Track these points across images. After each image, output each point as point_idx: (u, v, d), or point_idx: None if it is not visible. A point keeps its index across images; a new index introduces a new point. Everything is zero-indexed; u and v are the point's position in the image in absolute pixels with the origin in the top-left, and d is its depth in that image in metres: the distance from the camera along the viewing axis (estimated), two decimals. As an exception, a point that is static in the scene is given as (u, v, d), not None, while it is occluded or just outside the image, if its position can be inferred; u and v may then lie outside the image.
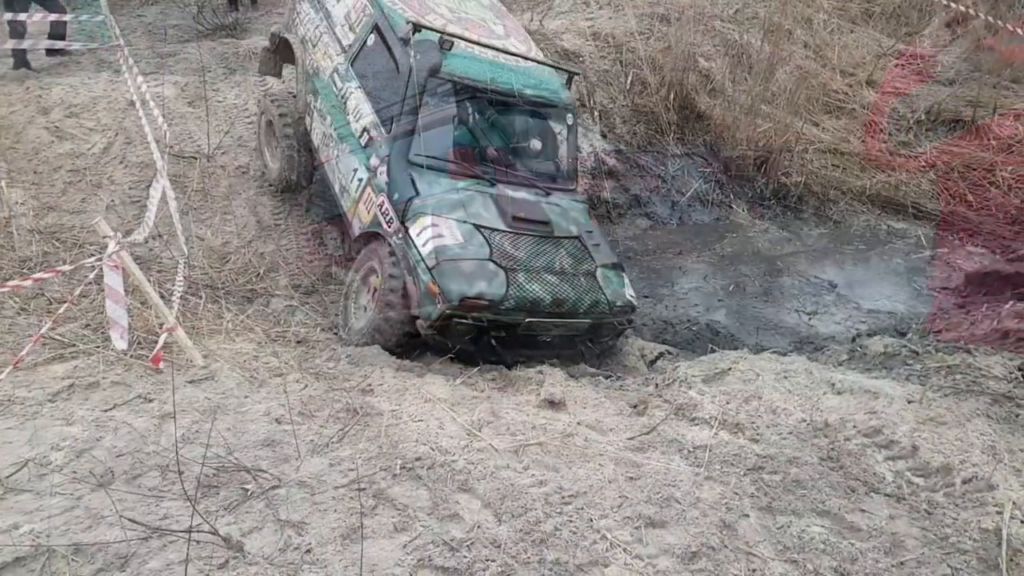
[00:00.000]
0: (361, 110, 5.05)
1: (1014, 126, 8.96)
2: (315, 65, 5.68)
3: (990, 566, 2.22)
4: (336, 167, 5.24)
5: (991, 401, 3.25)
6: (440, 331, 4.22)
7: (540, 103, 5.25)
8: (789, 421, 3.22)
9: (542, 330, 4.50)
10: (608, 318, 4.70)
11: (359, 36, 5.30)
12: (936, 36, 11.25)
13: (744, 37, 9.65)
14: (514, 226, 4.61)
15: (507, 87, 5.03)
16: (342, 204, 5.22)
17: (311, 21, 5.92)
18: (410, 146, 4.68)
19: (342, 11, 5.60)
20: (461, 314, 4.16)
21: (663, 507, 2.47)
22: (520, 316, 4.32)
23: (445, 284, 4.16)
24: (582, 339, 4.80)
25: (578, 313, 4.55)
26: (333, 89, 5.37)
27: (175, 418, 2.73)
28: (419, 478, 2.62)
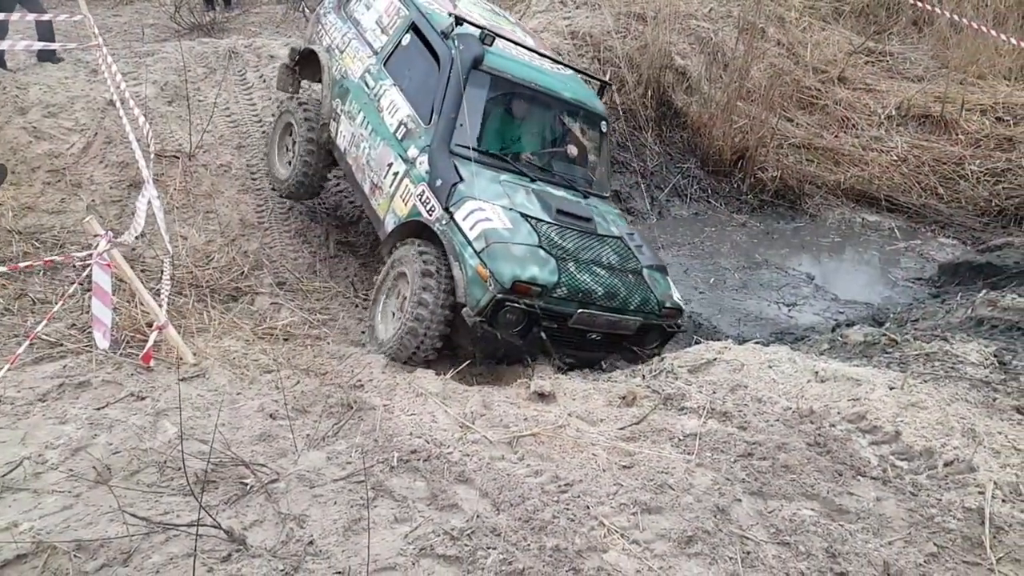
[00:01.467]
0: (397, 105, 4.99)
1: (981, 121, 9.18)
2: (343, 70, 5.64)
3: (974, 544, 2.30)
4: (367, 165, 5.09)
5: (969, 386, 3.35)
6: (489, 320, 3.97)
7: (577, 107, 5.35)
8: (775, 409, 3.29)
9: (593, 325, 4.30)
10: (656, 319, 4.55)
11: (392, 38, 5.36)
12: (904, 34, 11.48)
13: (719, 35, 9.78)
14: (558, 219, 4.51)
15: (546, 88, 5.16)
16: (372, 203, 5.04)
17: (338, 30, 5.95)
18: (452, 136, 4.59)
19: (372, 17, 5.70)
20: (513, 299, 3.94)
21: (657, 494, 2.53)
22: (572, 306, 4.15)
23: (496, 266, 3.96)
24: (629, 342, 4.60)
25: (628, 310, 4.40)
26: (364, 89, 5.31)
27: (180, 410, 2.73)
28: (416, 470, 2.65)
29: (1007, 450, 2.82)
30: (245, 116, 7.68)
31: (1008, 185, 8.32)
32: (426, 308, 4.10)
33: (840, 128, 9.33)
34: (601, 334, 4.40)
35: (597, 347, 4.52)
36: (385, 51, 5.35)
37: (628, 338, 4.55)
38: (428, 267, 4.18)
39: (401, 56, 5.23)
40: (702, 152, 8.62)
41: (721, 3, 10.64)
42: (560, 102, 5.25)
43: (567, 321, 4.19)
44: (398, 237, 4.65)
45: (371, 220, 5.17)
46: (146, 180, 4.98)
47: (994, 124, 9.11)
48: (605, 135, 5.57)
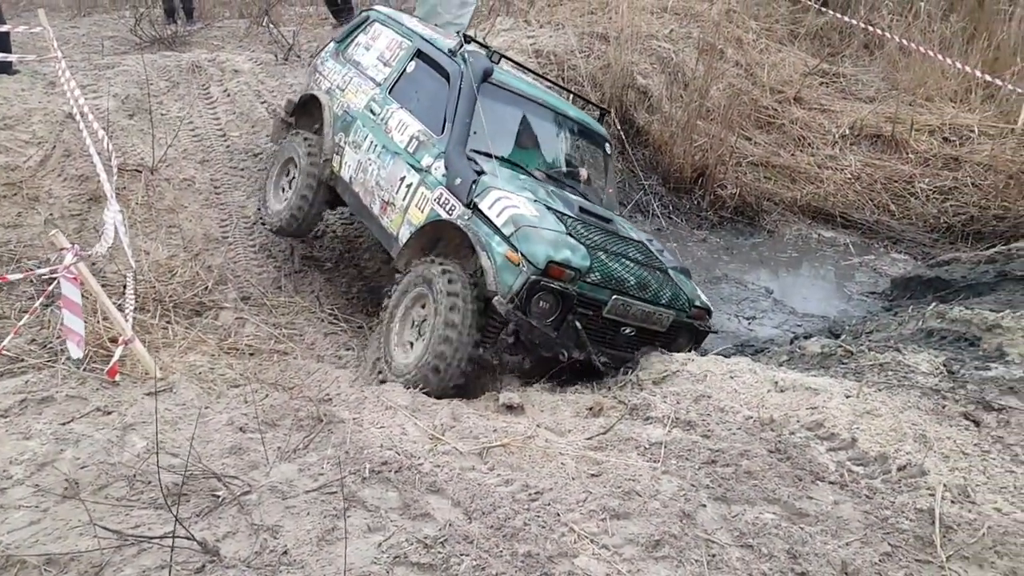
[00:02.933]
0: (406, 123, 5.01)
1: (929, 141, 9.53)
2: (345, 105, 5.66)
3: (926, 543, 2.40)
4: (377, 186, 5.04)
5: (920, 394, 3.49)
6: (522, 308, 3.84)
7: (583, 126, 5.52)
8: (737, 418, 3.39)
9: (627, 315, 4.22)
10: (686, 317, 4.51)
11: (396, 67, 5.46)
12: (856, 56, 11.89)
13: (679, 56, 10.02)
14: (582, 216, 4.50)
15: (554, 105, 5.34)
16: (384, 222, 4.93)
17: (337, 73, 6.02)
18: (467, 141, 4.62)
19: (373, 55, 5.81)
20: (547, 283, 3.84)
21: (625, 500, 2.59)
22: (606, 294, 4.07)
23: (529, 248, 3.88)
24: (660, 342, 4.49)
25: (660, 303, 4.34)
26: (370, 116, 5.34)
27: (156, 420, 2.71)
28: (388, 481, 2.68)
29: (955, 454, 2.94)
30: (209, 130, 7.64)
31: (955, 203, 8.65)
32: (455, 330, 3.92)
33: (796, 147, 9.60)
34: (635, 329, 4.32)
35: (631, 345, 4.39)
36: (389, 80, 5.44)
37: (661, 338, 4.48)
38: (453, 286, 4.01)
39: (407, 82, 5.33)
40: (663, 170, 8.80)
41: (681, 24, 10.90)
42: (567, 119, 5.44)
43: (601, 311, 4.10)
44: (415, 249, 4.53)
45: (381, 241, 5.04)
46: (109, 195, 4.95)
47: (941, 144, 9.47)
48: (610, 156, 5.73)
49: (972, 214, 8.42)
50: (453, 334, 3.92)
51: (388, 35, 5.77)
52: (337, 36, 6.51)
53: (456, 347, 3.92)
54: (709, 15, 11.08)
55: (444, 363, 3.93)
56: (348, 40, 6.22)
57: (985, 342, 4.44)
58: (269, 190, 6.21)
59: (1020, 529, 2.45)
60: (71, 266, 3.10)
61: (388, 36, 5.76)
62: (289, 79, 8.40)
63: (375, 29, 5.96)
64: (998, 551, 2.32)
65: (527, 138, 5.13)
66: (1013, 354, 4.21)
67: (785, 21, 12.33)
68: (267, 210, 6.12)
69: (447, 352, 3.92)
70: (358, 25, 6.24)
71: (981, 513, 2.55)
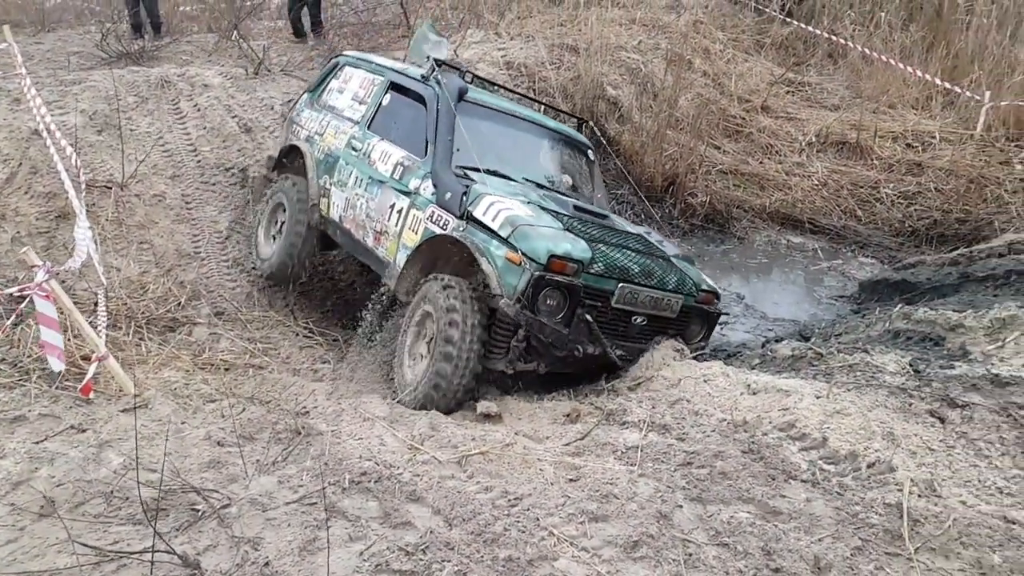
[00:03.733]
0: (389, 152, 5.03)
1: (893, 147, 9.75)
2: (326, 148, 5.68)
3: (895, 536, 2.47)
4: (367, 218, 5.05)
5: (888, 393, 3.57)
6: (530, 307, 3.83)
7: (564, 136, 5.63)
8: (711, 420, 3.45)
9: (636, 303, 4.20)
10: (694, 301, 4.50)
11: (372, 103, 5.55)
12: (820, 65, 12.14)
13: (648, 67, 10.16)
14: (577, 214, 4.53)
15: (531, 118, 5.45)
16: (379, 252, 4.91)
17: (314, 121, 6.07)
18: (451, 158, 4.63)
19: (348, 96, 5.88)
20: (551, 278, 3.82)
21: (603, 503, 2.63)
22: (611, 283, 4.06)
23: (529, 245, 3.87)
24: (674, 330, 4.48)
25: (667, 288, 4.33)
26: (352, 153, 5.36)
27: (136, 434, 2.70)
28: (368, 491, 2.69)
29: (922, 450, 3.02)
30: (179, 145, 7.59)
31: (919, 207, 8.84)
32: (453, 346, 3.89)
33: (764, 155, 9.76)
34: (646, 318, 4.29)
35: (644, 336, 4.36)
36: (367, 116, 5.49)
37: (673, 326, 4.46)
38: (452, 302, 3.98)
39: (384, 114, 5.40)
40: (635, 179, 8.90)
41: (649, 36, 11.06)
42: (547, 130, 5.55)
43: (609, 301, 4.08)
44: (413, 271, 4.50)
45: (380, 273, 4.96)
46: (78, 211, 4.90)
47: (904, 150, 9.69)
48: (594, 162, 5.82)
49: (935, 218, 8.62)
50: (452, 350, 3.89)
51: (360, 75, 5.86)
52: (311, 85, 6.58)
53: (456, 363, 3.88)
54: (676, 26, 11.26)
55: (444, 380, 3.90)
56: (321, 88, 6.30)
57: (949, 341, 4.56)
58: (259, 236, 6.18)
59: (984, 520, 2.53)
60: (43, 283, 3.08)
61: (360, 76, 5.85)
62: (260, 93, 8.39)
63: (346, 72, 6.06)
64: (963, 542, 2.40)
65: (510, 150, 5.17)
66: (976, 352, 4.33)
67: (751, 32, 12.56)
68: (258, 257, 6.09)
69: (446, 369, 3.89)
70: (329, 72, 6.33)
71: (947, 506, 2.63)
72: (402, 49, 9.49)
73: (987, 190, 8.61)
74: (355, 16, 11.88)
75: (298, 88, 8.49)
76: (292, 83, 8.60)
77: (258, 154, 7.56)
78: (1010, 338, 4.35)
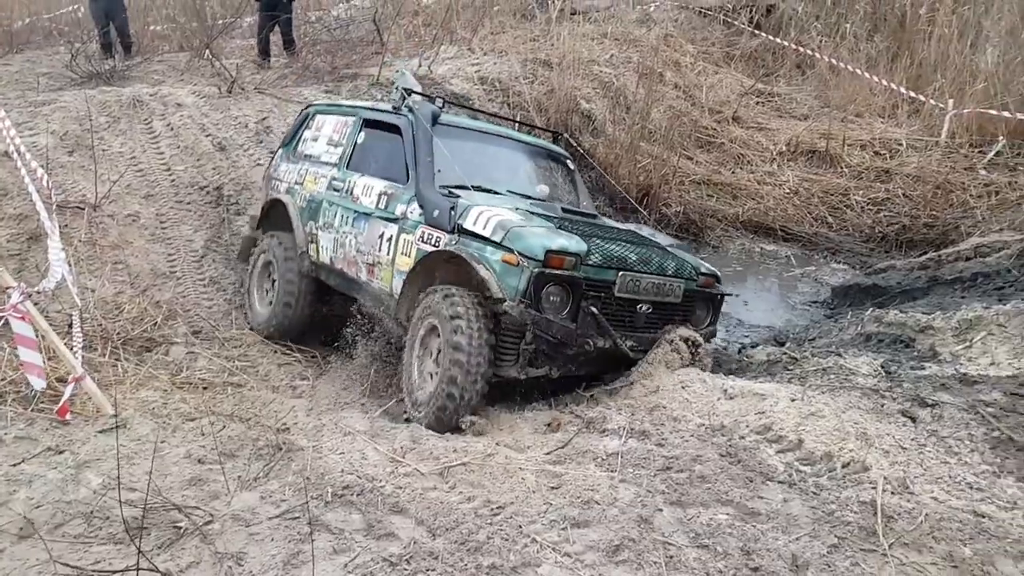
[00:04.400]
0: (371, 185, 5.02)
1: (861, 155, 9.95)
2: (307, 195, 5.67)
3: (870, 533, 2.52)
4: (358, 253, 5.00)
5: (861, 395, 3.65)
6: (534, 304, 3.78)
7: (542, 149, 5.71)
8: (690, 426, 3.50)
9: (639, 291, 4.15)
10: (696, 286, 4.46)
11: (347, 144, 5.55)
12: (789, 76, 12.37)
13: (620, 80, 10.30)
14: (565, 215, 4.59)
15: (508, 135, 5.52)
16: (375, 284, 4.86)
17: (292, 172, 6.05)
18: (433, 179, 4.65)
19: (323, 143, 5.89)
20: (551, 272, 3.80)
21: (585, 509, 2.66)
22: (611, 273, 4.04)
23: (523, 245, 3.85)
24: (680, 317, 4.42)
25: (667, 273, 4.30)
26: (334, 194, 5.36)
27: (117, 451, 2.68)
28: (351, 503, 2.70)
29: (895, 449, 3.09)
30: (153, 165, 7.56)
31: (888, 213, 9.02)
32: (462, 353, 3.81)
33: (736, 164, 9.92)
34: (651, 306, 4.24)
35: (651, 325, 4.29)
36: (344, 156, 5.51)
37: (679, 312, 4.41)
38: (455, 308, 3.93)
39: (361, 152, 5.41)
40: (610, 191, 9.00)
41: (621, 50, 11.22)
42: (525, 144, 5.64)
43: (612, 291, 4.04)
44: (411, 293, 4.43)
45: (377, 307, 4.88)
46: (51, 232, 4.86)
47: (873, 158, 9.89)
48: (574, 171, 5.89)
49: (904, 223, 8.79)
50: (462, 357, 3.81)
51: (332, 120, 5.90)
52: (284, 139, 6.56)
53: (467, 370, 3.81)
54: (647, 40, 11.43)
55: (457, 388, 3.83)
56: (294, 140, 6.30)
57: (919, 343, 4.67)
58: (253, 295, 6.06)
59: (955, 515, 2.59)
60: (18, 304, 3.06)
61: (332, 120, 5.89)
62: (234, 112, 8.38)
63: (317, 120, 6.09)
64: (935, 536, 2.46)
65: (491, 166, 5.18)
66: (945, 353, 4.43)
67: (720, 44, 12.78)
68: (254, 316, 5.94)
69: (458, 377, 3.82)
70: (300, 124, 6.34)
71: (919, 503, 2.69)
72: (375, 66, 9.54)
73: (953, 195, 8.81)
74: (328, 34, 11.91)
75: (272, 106, 8.50)
76: (266, 101, 8.60)
77: (233, 172, 7.56)
78: (977, 338, 4.46)
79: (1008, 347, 4.34)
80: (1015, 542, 2.42)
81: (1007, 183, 8.64)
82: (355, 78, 9.42)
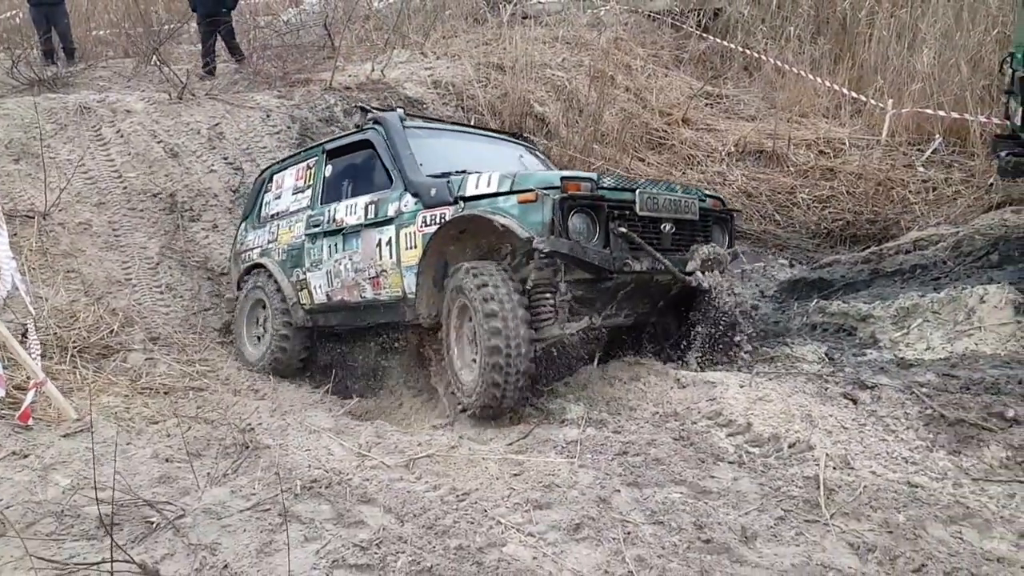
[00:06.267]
0: (353, 203, 4.96)
1: (806, 155, 10.29)
2: (285, 247, 5.61)
3: (813, 505, 2.68)
4: (357, 273, 4.87)
5: (805, 380, 3.84)
6: (564, 233, 3.63)
7: (506, 137, 5.85)
8: (644, 414, 3.65)
9: (659, 207, 4.04)
10: (706, 204, 4.44)
11: (315, 182, 5.50)
12: (737, 78, 12.70)
13: (573, 83, 10.46)
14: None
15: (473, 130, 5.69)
16: (384, 294, 4.70)
17: (261, 236, 5.98)
18: (419, 170, 4.60)
19: (287, 197, 5.84)
20: (573, 196, 3.68)
21: (547, 492, 2.78)
22: (628, 193, 3.94)
23: (536, 180, 3.82)
24: (701, 237, 4.34)
25: (678, 191, 4.25)
26: (315, 230, 5.27)
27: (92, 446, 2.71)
28: (320, 495, 2.77)
29: (837, 429, 3.27)
30: (103, 172, 7.49)
31: (832, 210, 9.33)
32: (498, 319, 3.64)
33: (687, 165, 10.15)
34: (672, 224, 4.13)
35: (676, 246, 4.16)
36: (316, 194, 5.45)
37: (699, 232, 4.34)
38: (481, 278, 3.77)
39: (331, 183, 5.38)
40: (564, 192, 9.14)
41: (573, 53, 11.39)
42: (492, 135, 5.79)
43: (634, 210, 3.92)
44: (428, 284, 4.31)
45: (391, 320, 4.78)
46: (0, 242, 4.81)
47: (817, 157, 10.20)
48: (541, 152, 6.15)
49: (848, 219, 9.10)
50: (498, 324, 3.63)
51: (290, 171, 5.90)
52: (244, 211, 6.51)
53: (506, 336, 3.62)
54: (598, 43, 11.63)
55: (502, 358, 3.62)
56: (255, 208, 6.25)
57: (861, 331, 4.91)
58: (243, 339, 5.92)
59: (891, 487, 2.77)
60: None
61: (291, 171, 5.89)
62: (185, 118, 8.30)
63: (275, 179, 6.08)
64: (872, 506, 2.63)
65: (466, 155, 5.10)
66: (884, 340, 4.67)
67: (670, 47, 13.05)
68: (245, 360, 5.76)
69: (500, 345, 3.62)
70: (257, 191, 6.31)
71: (859, 476, 2.87)
72: (328, 71, 9.54)
73: (893, 192, 9.16)
74: (279, 39, 11.84)
75: (224, 112, 8.44)
76: (218, 107, 8.54)
77: (186, 179, 7.51)
78: (914, 325, 4.71)
79: (942, 332, 4.60)
80: (944, 508, 2.60)
81: (943, 179, 9.02)
82: (307, 83, 9.40)
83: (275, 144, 8.07)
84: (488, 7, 12.40)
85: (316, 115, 8.61)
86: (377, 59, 10.12)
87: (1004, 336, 4.38)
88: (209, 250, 7.01)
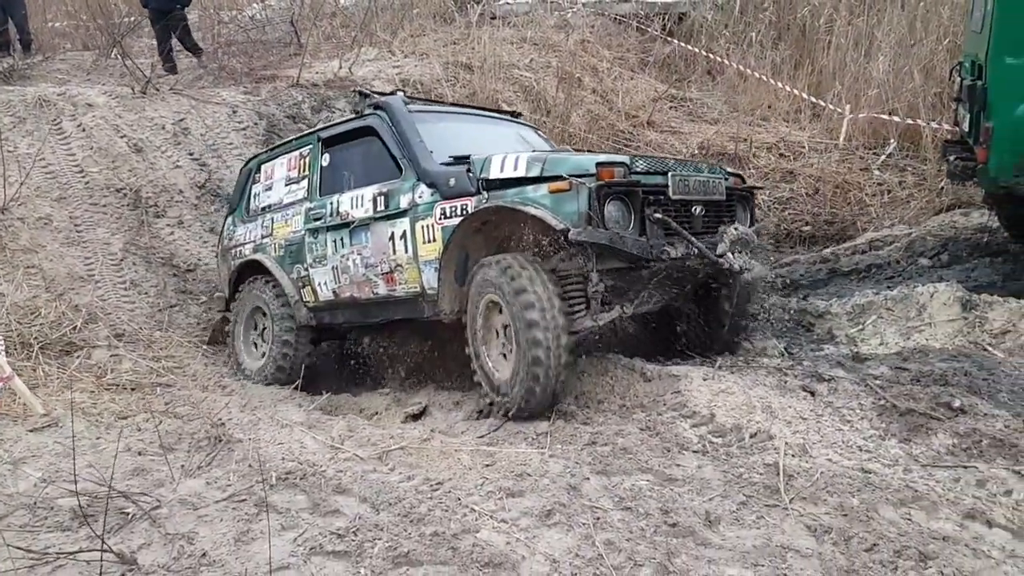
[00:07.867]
0: (359, 195, 4.68)
1: (767, 157, 10.53)
2: (282, 243, 5.31)
3: (773, 491, 2.81)
4: (368, 269, 4.63)
5: (766, 373, 3.98)
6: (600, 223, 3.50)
7: (504, 117, 5.72)
8: (612, 406, 3.75)
9: (689, 190, 3.92)
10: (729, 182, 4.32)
11: (311, 173, 5.19)
12: (700, 82, 12.92)
13: (540, 84, 10.56)
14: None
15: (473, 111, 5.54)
16: (399, 290, 4.49)
17: (253, 230, 5.67)
18: (431, 158, 4.36)
19: (279, 188, 5.52)
20: (610, 184, 3.56)
21: (519, 481, 2.86)
22: (661, 177, 3.83)
23: (570, 165, 3.66)
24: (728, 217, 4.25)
25: (704, 171, 4.14)
26: (316, 223, 5.00)
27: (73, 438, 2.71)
28: (295, 486, 2.81)
29: (796, 420, 3.41)
30: (64, 167, 7.37)
31: (792, 211, 9.57)
32: (535, 311, 3.52)
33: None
34: (703, 207, 4.04)
35: (707, 228, 4.07)
36: (313, 186, 5.16)
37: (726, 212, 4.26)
38: (515, 269, 3.63)
39: (330, 173, 5.08)
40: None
41: (541, 54, 11.48)
42: (491, 115, 5.68)
43: (667, 194, 3.82)
44: (451, 279, 4.15)
45: (406, 314, 4.59)
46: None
47: (778, 159, 10.43)
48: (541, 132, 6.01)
49: (807, 220, 9.36)
50: (536, 316, 3.52)
51: (281, 161, 5.58)
52: (231, 204, 6.23)
53: (546, 328, 3.51)
54: (566, 45, 11.74)
55: (543, 351, 3.51)
56: (242, 200, 5.96)
57: (818, 327, 5.08)
58: (240, 350, 5.62)
59: (846, 473, 2.91)
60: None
61: (283, 160, 5.56)
62: (149, 112, 8.19)
63: (264, 169, 5.76)
64: (829, 491, 2.76)
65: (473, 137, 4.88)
66: (840, 335, 4.85)
67: (635, 50, 13.21)
68: (243, 371, 5.48)
69: (540, 337, 3.51)
70: (244, 181, 6.00)
71: (816, 463, 3.01)
72: (294, 68, 9.49)
73: (850, 194, 9.42)
74: (244, 34, 11.72)
75: (189, 107, 8.35)
76: (183, 102, 8.44)
77: (151, 174, 7.43)
78: (868, 321, 4.90)
79: (895, 328, 4.80)
80: (895, 492, 2.74)
81: (897, 182, 9.31)
82: (274, 80, 9.34)
83: (241, 140, 8.01)
84: (456, 7, 12.43)
85: (283, 111, 8.56)
86: (345, 56, 10.10)
87: (952, 332, 4.59)
88: (175, 246, 6.94)
